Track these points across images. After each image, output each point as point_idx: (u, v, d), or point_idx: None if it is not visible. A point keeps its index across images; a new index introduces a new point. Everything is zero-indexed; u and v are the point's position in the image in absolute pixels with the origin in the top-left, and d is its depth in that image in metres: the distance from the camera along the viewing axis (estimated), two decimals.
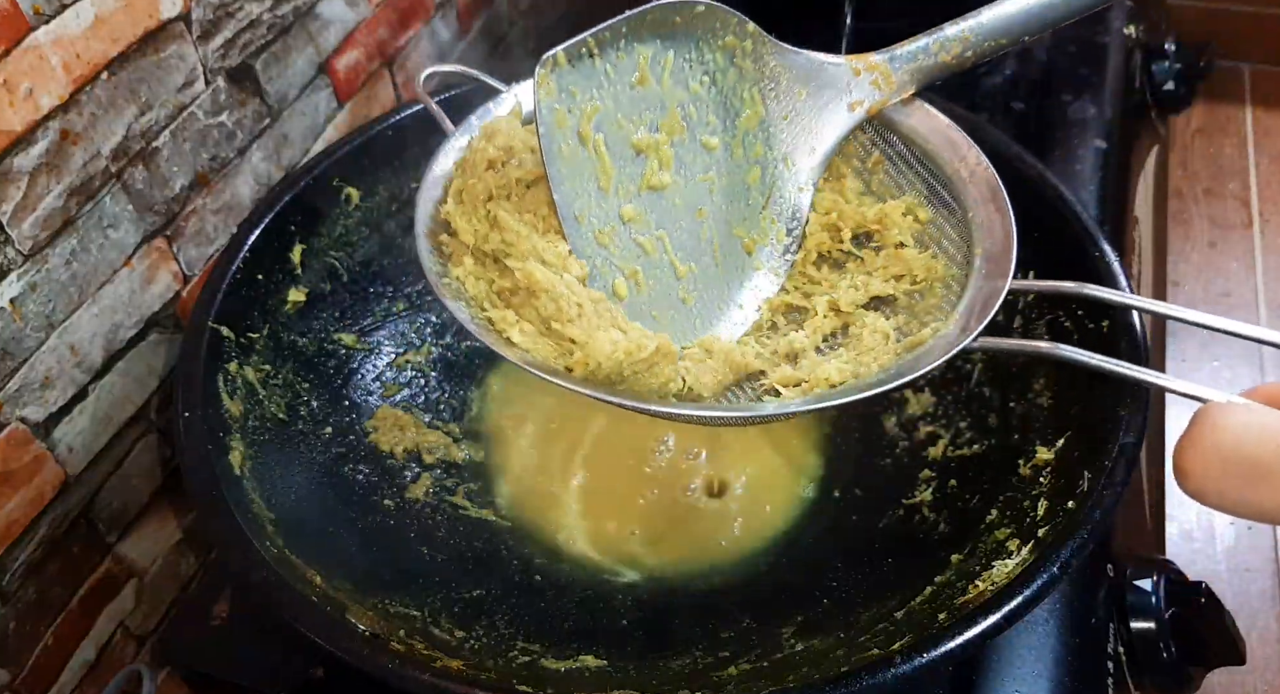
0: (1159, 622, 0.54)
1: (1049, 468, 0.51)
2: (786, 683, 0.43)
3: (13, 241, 0.50)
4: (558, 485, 0.64)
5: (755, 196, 0.50)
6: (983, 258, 0.47)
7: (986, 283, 0.45)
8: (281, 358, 0.60)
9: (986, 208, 0.48)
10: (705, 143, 0.49)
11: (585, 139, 0.45)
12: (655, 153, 0.47)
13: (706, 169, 0.49)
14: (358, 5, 0.73)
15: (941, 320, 0.46)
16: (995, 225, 0.47)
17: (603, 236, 0.46)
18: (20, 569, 0.55)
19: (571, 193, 0.45)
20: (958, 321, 0.45)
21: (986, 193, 0.48)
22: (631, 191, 0.47)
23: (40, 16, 0.49)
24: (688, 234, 0.49)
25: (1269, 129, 1.28)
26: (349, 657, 0.43)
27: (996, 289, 0.44)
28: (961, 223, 0.49)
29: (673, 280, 0.48)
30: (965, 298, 0.46)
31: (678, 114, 0.47)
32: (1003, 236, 0.46)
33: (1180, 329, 1.07)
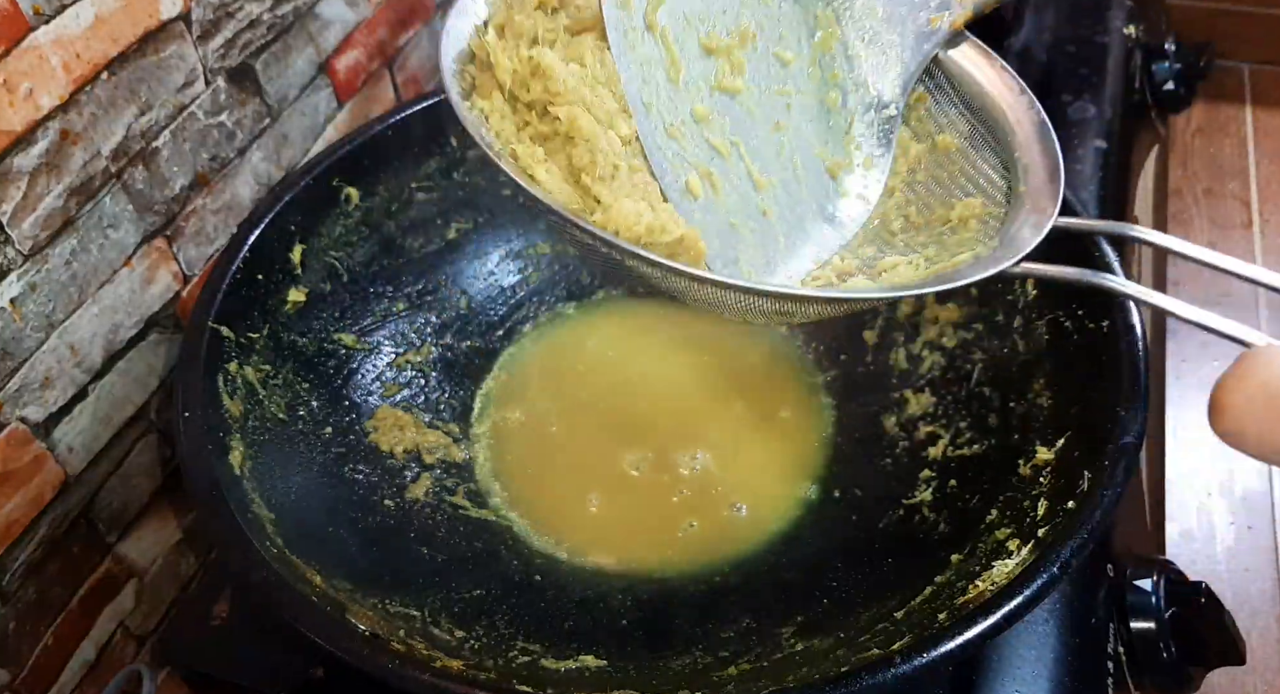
0: (1159, 622, 0.54)
1: (1049, 468, 0.51)
2: (786, 683, 0.43)
3: (13, 241, 0.50)
4: (558, 485, 0.64)
5: (837, 119, 0.48)
6: (1027, 194, 0.46)
7: (1031, 215, 0.45)
8: (281, 358, 0.60)
9: (1032, 149, 0.47)
10: (779, 56, 0.47)
11: (652, 27, 0.43)
12: (727, 56, 0.45)
13: (782, 82, 0.47)
14: (358, 5, 0.73)
15: (982, 245, 0.45)
16: (1040, 164, 0.46)
17: (673, 130, 0.44)
18: (20, 569, 0.55)
19: (638, 76, 0.43)
20: (1000, 247, 0.44)
21: (1033, 133, 0.47)
22: (702, 90, 0.45)
23: (40, 16, 0.49)
24: (765, 145, 0.46)
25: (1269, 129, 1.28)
26: (349, 657, 0.43)
27: (1043, 218, 0.44)
28: (1003, 164, 0.48)
29: (751, 190, 0.46)
30: (1009, 226, 0.45)
31: (749, 22, 0.45)
32: (1048, 174, 0.46)
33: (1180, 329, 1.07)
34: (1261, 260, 1.14)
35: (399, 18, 0.79)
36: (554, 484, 0.64)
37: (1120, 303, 0.53)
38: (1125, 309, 0.52)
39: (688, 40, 0.44)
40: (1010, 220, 0.46)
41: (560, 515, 0.63)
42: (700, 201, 0.44)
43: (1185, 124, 1.29)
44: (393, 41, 0.79)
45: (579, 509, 0.63)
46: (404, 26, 0.80)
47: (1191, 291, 1.12)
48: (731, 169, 0.45)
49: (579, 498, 0.63)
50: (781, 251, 0.47)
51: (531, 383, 0.70)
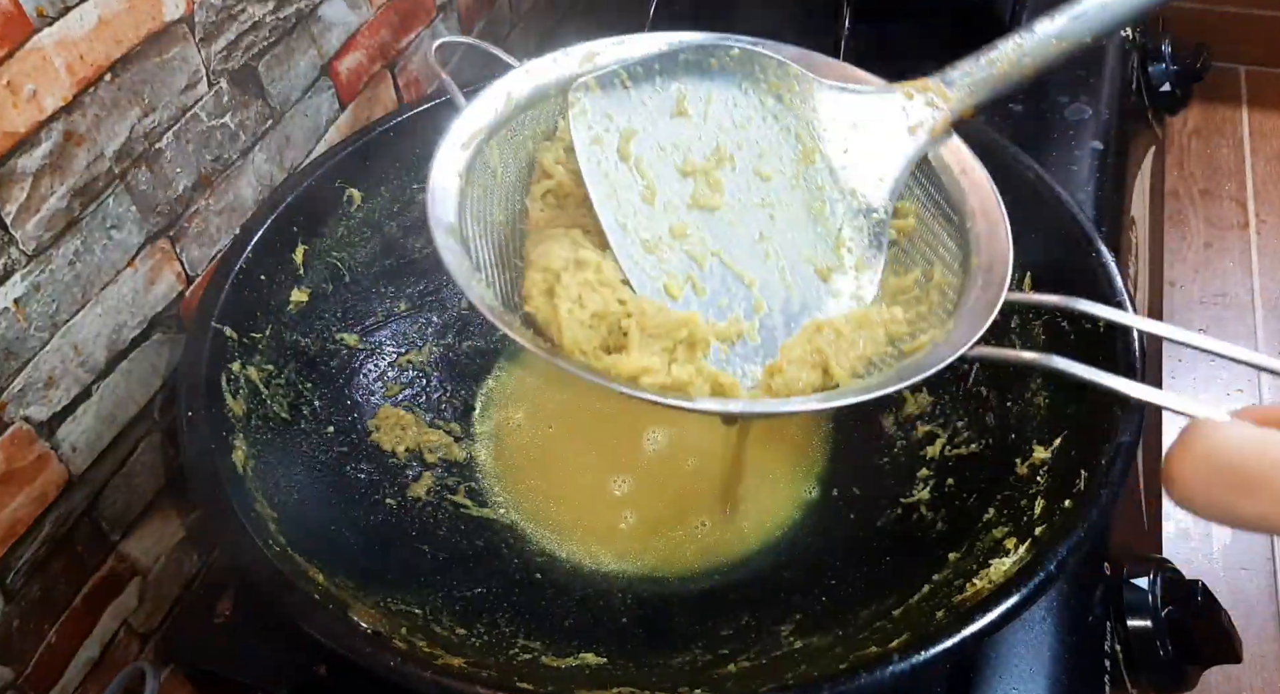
0: (1155, 620, 0.55)
1: (1046, 467, 0.52)
2: (785, 680, 0.43)
3: (17, 242, 0.50)
4: (558, 484, 0.64)
5: (826, 226, 0.49)
6: (980, 269, 0.47)
7: (983, 293, 0.46)
8: (284, 358, 0.60)
9: (986, 220, 0.48)
10: (760, 172, 0.48)
11: (625, 157, 0.44)
12: (705, 176, 0.46)
13: (764, 196, 0.47)
14: (360, 8, 0.74)
15: (937, 327, 0.46)
16: (994, 237, 0.47)
17: (650, 245, 0.44)
18: (24, 568, 0.55)
19: (614, 204, 0.44)
20: (953, 331, 0.45)
21: (986, 205, 0.48)
22: (679, 207, 0.45)
23: (44, 18, 0.49)
24: (749, 254, 0.47)
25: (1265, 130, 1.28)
26: (351, 654, 0.43)
27: (992, 300, 0.45)
28: (959, 232, 0.49)
29: (740, 287, 0.46)
30: (961, 308, 0.46)
31: (726, 144, 0.46)
32: (1001, 249, 0.47)
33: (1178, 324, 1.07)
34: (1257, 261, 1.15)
35: (401, 20, 0.79)
36: (555, 483, 0.64)
37: (1118, 303, 0.53)
38: (1122, 309, 0.53)
39: (663, 167, 0.45)
40: (965, 297, 0.47)
41: (561, 514, 0.63)
42: (680, 302, 0.45)
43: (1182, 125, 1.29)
44: (394, 43, 0.79)
45: (579, 508, 0.63)
46: (406, 29, 0.80)
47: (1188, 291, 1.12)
48: (715, 275, 0.46)
49: (579, 497, 0.64)
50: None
51: (532, 382, 0.70)
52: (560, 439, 0.67)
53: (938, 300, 0.48)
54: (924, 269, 0.49)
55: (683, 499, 0.63)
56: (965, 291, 0.47)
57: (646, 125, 0.45)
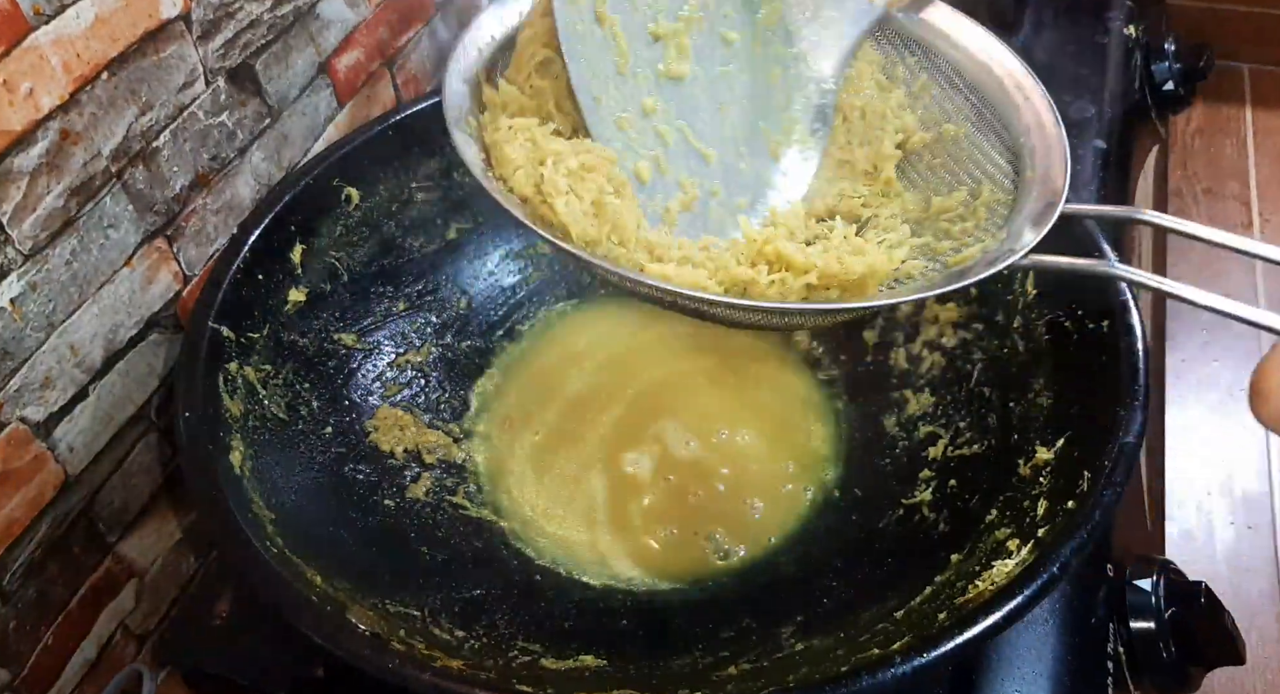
0: (1159, 621, 0.54)
1: (1048, 468, 0.52)
2: (786, 683, 0.43)
3: (13, 241, 0.50)
4: (558, 485, 0.64)
5: (778, 95, 0.50)
6: (1035, 180, 0.46)
7: (1039, 202, 0.45)
8: (282, 358, 0.60)
9: (1040, 133, 0.47)
10: (724, 36, 0.48)
11: (602, 19, 0.45)
12: (673, 41, 0.47)
13: (726, 62, 0.48)
14: (358, 5, 0.73)
15: (987, 239, 0.45)
16: (1048, 149, 0.46)
17: (622, 122, 0.46)
18: (20, 569, 0.55)
19: (589, 73, 0.44)
20: (1007, 239, 0.44)
21: (1041, 118, 0.47)
22: (649, 78, 0.46)
23: (40, 16, 0.49)
24: (709, 126, 0.48)
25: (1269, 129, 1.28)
26: (349, 656, 0.43)
27: (1050, 206, 0.44)
28: (1010, 149, 0.48)
29: (702, 166, 0.48)
30: (1017, 216, 0.45)
31: (695, 4, 0.47)
32: (1057, 159, 0.46)
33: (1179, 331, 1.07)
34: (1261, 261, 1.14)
35: (399, 18, 0.79)
36: (555, 483, 0.64)
37: (1121, 303, 0.53)
38: (1125, 309, 0.52)
39: (635, 28, 0.46)
40: (1018, 208, 0.46)
41: (561, 515, 0.63)
42: (648, 187, 0.46)
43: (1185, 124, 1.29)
44: (393, 42, 0.79)
45: (580, 509, 0.63)
46: (404, 27, 0.80)
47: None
48: (678, 152, 0.47)
49: (580, 498, 0.63)
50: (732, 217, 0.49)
51: (532, 382, 0.70)
52: (560, 439, 0.67)
53: (985, 217, 0.47)
54: (971, 188, 0.49)
55: (683, 499, 0.63)
56: (1019, 204, 0.46)
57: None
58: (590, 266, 0.43)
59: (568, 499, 0.63)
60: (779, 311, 0.45)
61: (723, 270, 0.44)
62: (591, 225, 0.43)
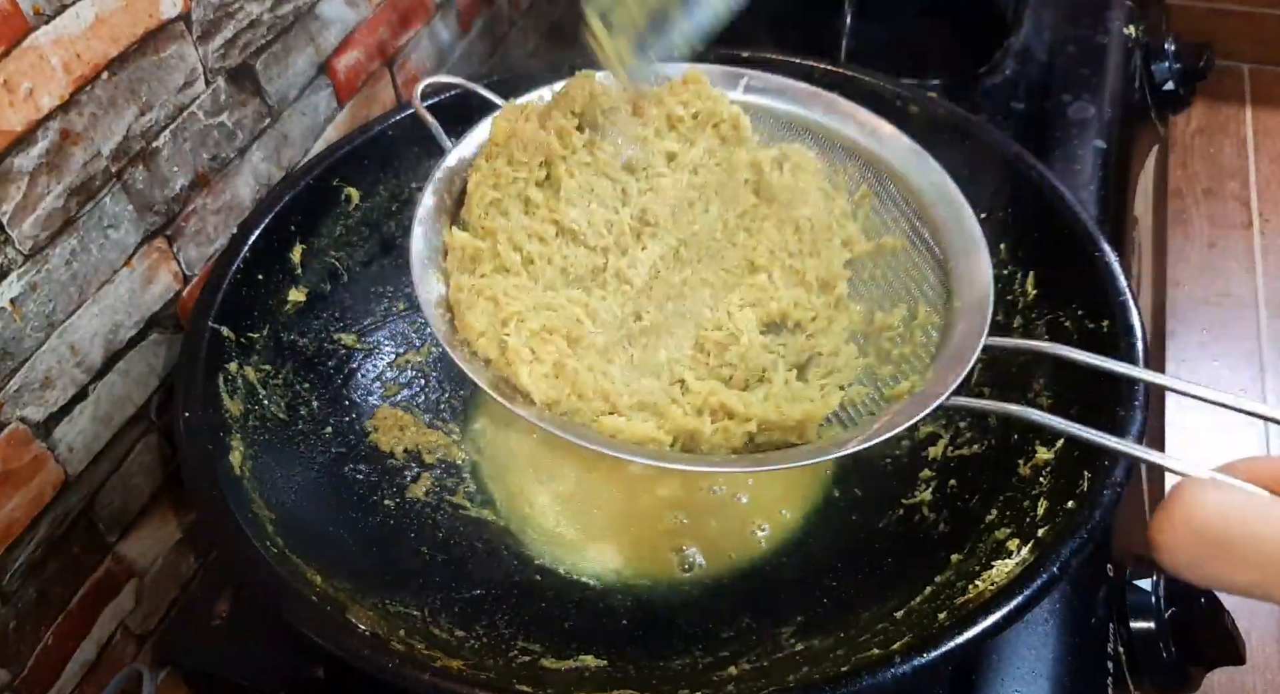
0: (1159, 621, 0.54)
1: (1049, 468, 0.52)
2: (786, 683, 0.43)
3: (13, 241, 0.50)
4: (559, 485, 0.64)
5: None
6: (962, 310, 0.47)
7: (963, 339, 0.46)
8: (282, 358, 0.60)
9: (969, 259, 0.48)
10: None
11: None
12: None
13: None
14: (358, 5, 0.73)
15: (920, 371, 0.47)
16: (975, 277, 0.47)
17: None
18: (20, 569, 0.55)
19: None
20: (934, 377, 0.46)
21: (969, 244, 0.48)
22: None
23: (40, 16, 0.49)
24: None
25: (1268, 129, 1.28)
26: (349, 656, 0.43)
27: (971, 346, 0.45)
28: (942, 268, 0.49)
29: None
30: (942, 352, 0.47)
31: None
32: (981, 290, 0.47)
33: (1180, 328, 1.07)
34: (1260, 260, 1.15)
35: (399, 18, 0.79)
36: (555, 484, 0.64)
37: (1121, 303, 0.53)
38: (1125, 309, 0.52)
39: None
40: (944, 343, 0.47)
41: (561, 515, 0.63)
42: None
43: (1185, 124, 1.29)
44: (393, 42, 0.79)
45: (580, 509, 0.63)
46: (404, 27, 0.80)
47: (1191, 290, 1.12)
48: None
49: (579, 498, 0.63)
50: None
51: None
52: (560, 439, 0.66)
53: (922, 341, 0.48)
54: (909, 306, 0.50)
55: (684, 499, 0.63)
56: (946, 337, 0.47)
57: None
58: (549, 432, 0.46)
59: (568, 499, 0.63)
60: (715, 473, 0.49)
61: (670, 421, 0.47)
62: (552, 387, 0.46)
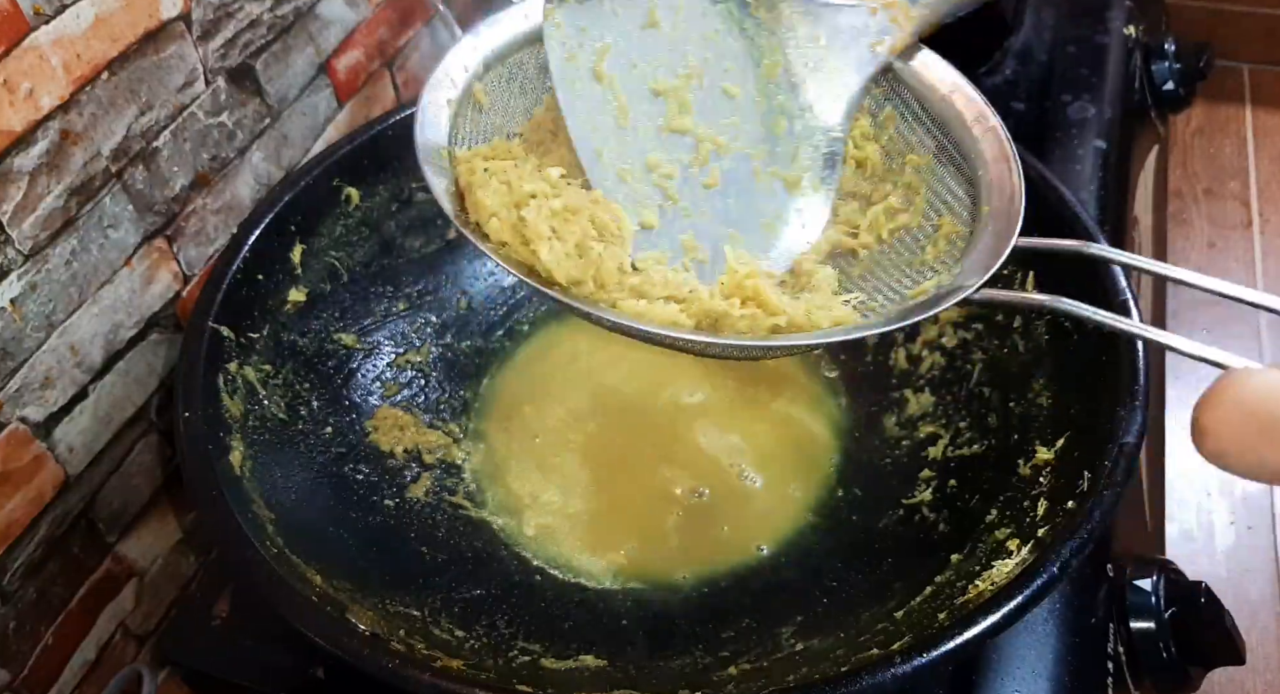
0: (1159, 621, 0.54)
1: (1049, 468, 0.52)
2: (786, 683, 0.43)
3: (13, 241, 0.50)
4: (559, 485, 0.64)
5: (784, 145, 0.50)
6: (990, 214, 0.46)
7: (993, 238, 0.45)
8: (281, 358, 0.60)
9: (998, 166, 0.47)
10: (726, 90, 0.49)
11: (600, 77, 0.45)
12: (674, 96, 0.47)
13: (729, 115, 0.49)
14: (358, 5, 0.73)
15: (944, 273, 0.46)
16: (1005, 183, 0.47)
17: (624, 174, 0.46)
18: (20, 569, 0.55)
19: (589, 127, 0.44)
20: (959, 275, 0.44)
21: (998, 152, 0.48)
22: (651, 132, 0.47)
23: (40, 16, 0.49)
24: (715, 173, 0.49)
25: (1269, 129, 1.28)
26: (349, 656, 0.43)
27: (1002, 244, 0.44)
28: (970, 181, 0.48)
29: (711, 215, 0.48)
30: (971, 251, 0.45)
31: (694, 60, 0.47)
32: (1011, 193, 0.46)
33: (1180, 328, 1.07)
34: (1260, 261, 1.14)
35: (399, 18, 0.79)
36: (555, 484, 0.64)
37: (1121, 303, 0.53)
38: (1125, 309, 0.52)
39: (635, 85, 0.46)
40: (973, 243, 0.46)
41: (561, 515, 0.63)
42: (659, 231, 0.46)
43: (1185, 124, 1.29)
44: (393, 41, 0.79)
45: (580, 509, 0.63)
46: (404, 26, 0.80)
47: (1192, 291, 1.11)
48: (686, 203, 0.48)
49: (580, 498, 0.63)
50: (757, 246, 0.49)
51: (532, 383, 0.70)
52: (561, 440, 0.66)
53: (945, 249, 0.47)
54: (930, 218, 0.49)
55: (685, 498, 0.63)
56: (975, 238, 0.46)
57: (619, 39, 0.45)
58: (568, 307, 0.43)
59: (569, 498, 0.63)
60: (738, 347, 0.46)
61: (697, 302, 0.45)
62: (575, 267, 0.44)
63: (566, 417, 0.67)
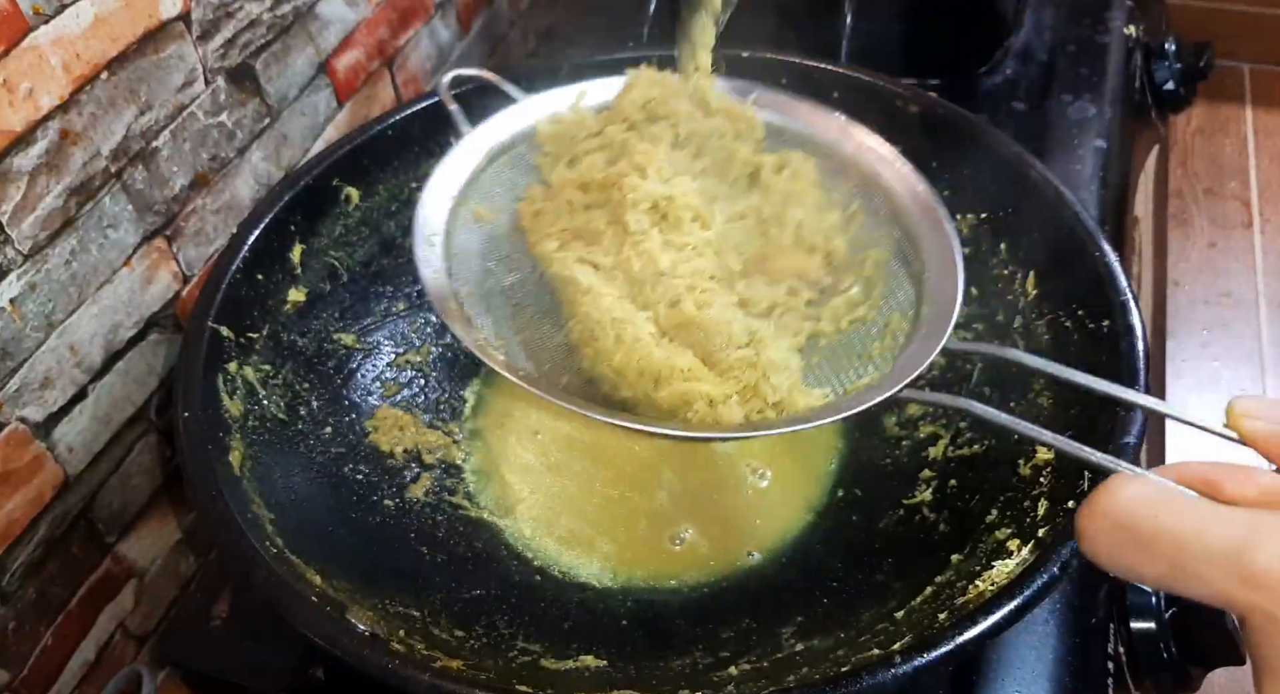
0: (1159, 622, 0.54)
1: (1049, 468, 0.51)
2: (786, 683, 0.43)
3: (12, 241, 0.50)
4: (559, 485, 0.64)
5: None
6: (926, 318, 0.48)
7: (922, 344, 0.47)
8: (281, 358, 0.60)
9: (940, 272, 0.49)
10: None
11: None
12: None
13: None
14: (358, 5, 0.73)
15: (882, 368, 0.48)
16: (944, 289, 0.49)
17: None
18: (20, 569, 0.55)
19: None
20: (893, 374, 0.46)
21: (944, 256, 0.50)
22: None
23: (40, 16, 0.49)
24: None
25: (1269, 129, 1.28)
26: (349, 657, 0.43)
27: (928, 350, 0.46)
28: (917, 281, 0.50)
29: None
30: (904, 352, 0.47)
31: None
32: (946, 301, 0.48)
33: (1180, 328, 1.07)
34: (1261, 260, 1.14)
35: (399, 18, 0.79)
36: (555, 484, 0.64)
37: (1121, 303, 0.53)
38: (1125, 309, 0.52)
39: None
40: (906, 344, 0.48)
41: (561, 515, 0.63)
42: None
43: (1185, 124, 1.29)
44: (393, 41, 0.79)
45: (579, 509, 0.63)
46: (404, 26, 0.80)
47: (1192, 291, 1.12)
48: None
49: (579, 498, 0.63)
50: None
51: None
52: (561, 440, 0.66)
53: (889, 344, 0.49)
54: (884, 313, 0.51)
55: (684, 500, 0.63)
56: (910, 338, 0.48)
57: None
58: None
59: (569, 499, 0.63)
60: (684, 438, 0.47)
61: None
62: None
63: (566, 416, 0.67)
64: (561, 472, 0.65)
